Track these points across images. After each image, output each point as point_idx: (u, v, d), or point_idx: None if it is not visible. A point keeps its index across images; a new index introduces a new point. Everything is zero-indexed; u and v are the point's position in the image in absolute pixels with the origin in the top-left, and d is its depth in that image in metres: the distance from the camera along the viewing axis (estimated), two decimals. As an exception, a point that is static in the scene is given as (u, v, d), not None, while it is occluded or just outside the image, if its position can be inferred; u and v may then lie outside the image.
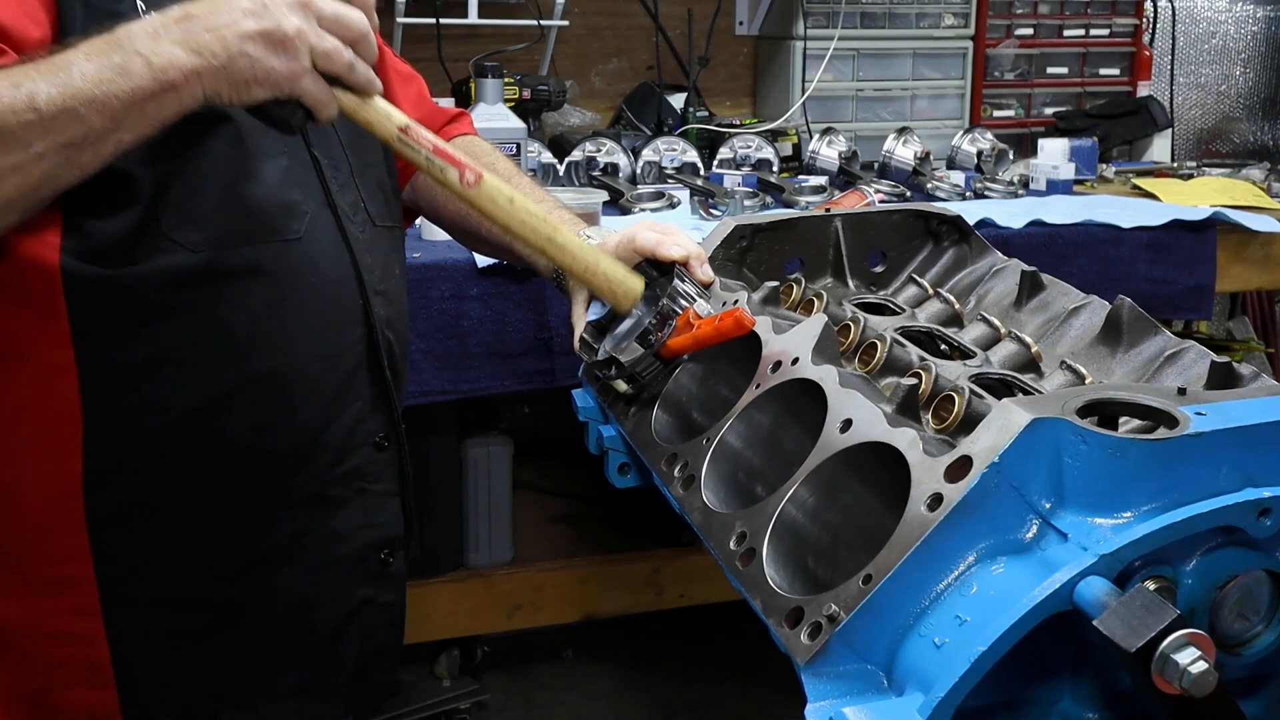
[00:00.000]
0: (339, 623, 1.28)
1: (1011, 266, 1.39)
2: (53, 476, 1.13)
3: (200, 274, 1.12)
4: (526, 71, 2.89)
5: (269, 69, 1.02)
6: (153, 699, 1.20)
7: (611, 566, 2.47)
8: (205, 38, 1.00)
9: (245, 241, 1.15)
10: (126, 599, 1.17)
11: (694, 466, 1.12)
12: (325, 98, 1.07)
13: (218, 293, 1.14)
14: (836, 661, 0.84)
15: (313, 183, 1.22)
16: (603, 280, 1.23)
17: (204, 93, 1.02)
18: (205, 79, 1.01)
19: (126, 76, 0.98)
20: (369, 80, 1.10)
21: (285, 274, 1.18)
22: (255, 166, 1.15)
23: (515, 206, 1.21)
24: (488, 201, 1.21)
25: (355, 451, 1.25)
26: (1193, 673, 0.73)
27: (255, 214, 1.16)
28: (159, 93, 1.00)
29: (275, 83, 1.03)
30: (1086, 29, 3.33)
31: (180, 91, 1.00)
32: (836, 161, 2.80)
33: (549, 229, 1.22)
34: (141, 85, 0.99)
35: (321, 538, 1.24)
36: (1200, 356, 1.11)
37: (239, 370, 1.16)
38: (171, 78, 0.99)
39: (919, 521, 0.83)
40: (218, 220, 1.13)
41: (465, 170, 1.18)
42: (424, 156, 1.17)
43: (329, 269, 1.22)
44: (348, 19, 1.06)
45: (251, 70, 1.02)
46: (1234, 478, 0.84)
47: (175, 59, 0.99)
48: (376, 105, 1.13)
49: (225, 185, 1.13)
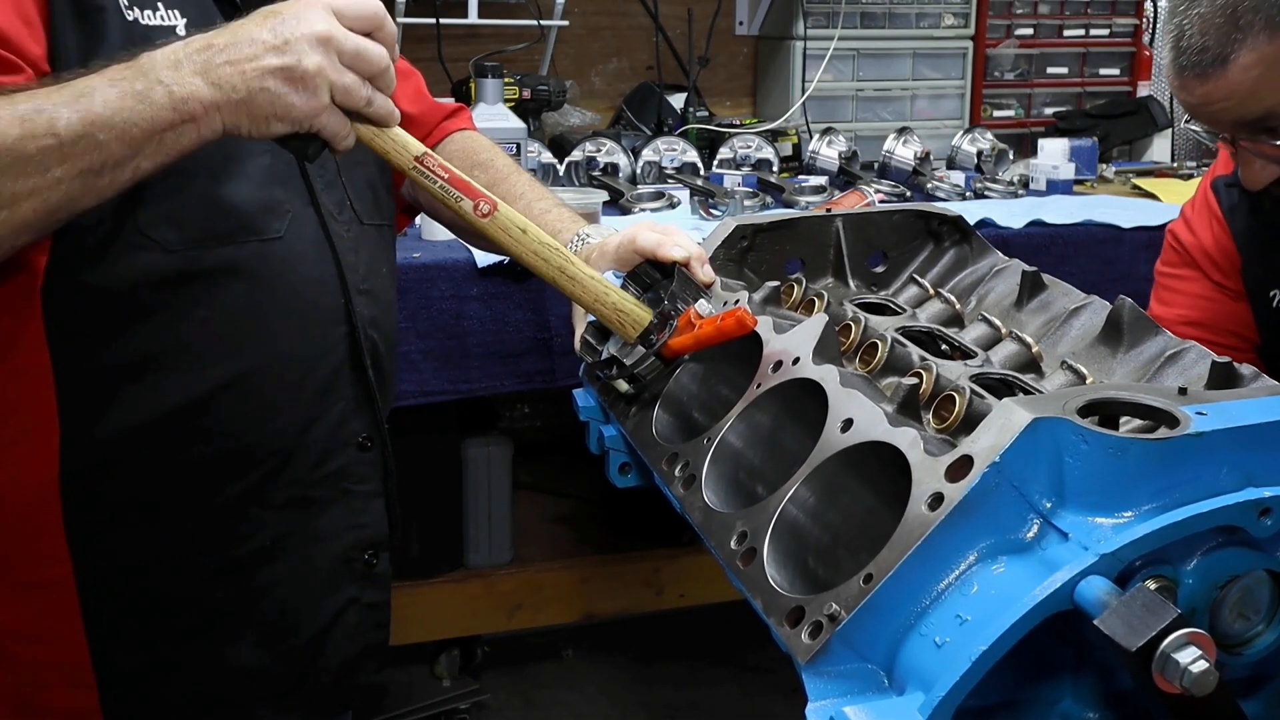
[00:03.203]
0: (324, 624, 1.28)
1: (1012, 267, 1.39)
2: (29, 479, 1.13)
3: (177, 274, 1.12)
4: (526, 71, 2.89)
5: (289, 105, 1.02)
6: (135, 701, 1.20)
7: (611, 566, 2.47)
8: (226, 71, 1.00)
9: (224, 241, 1.14)
10: (106, 601, 1.17)
11: (695, 466, 1.12)
12: (344, 131, 1.07)
13: (196, 293, 1.13)
14: (837, 661, 0.84)
15: (296, 181, 1.22)
16: (611, 311, 1.23)
17: (223, 125, 1.02)
18: (225, 112, 1.01)
19: (147, 104, 0.98)
20: (388, 113, 1.10)
21: (265, 274, 1.17)
22: (237, 165, 1.15)
23: (528, 237, 1.22)
24: (500, 232, 1.21)
25: (338, 452, 1.25)
26: (1193, 672, 0.73)
27: (235, 213, 1.15)
28: (179, 123, 1.00)
29: (295, 119, 1.03)
30: (1086, 29, 3.33)
31: (199, 124, 1.00)
32: (836, 161, 2.80)
33: (560, 260, 1.23)
34: (161, 115, 0.99)
35: (305, 539, 1.24)
36: (1201, 356, 1.11)
37: (218, 371, 1.15)
38: (192, 109, 0.99)
39: (920, 521, 0.83)
40: (196, 219, 1.13)
41: (480, 200, 1.19)
42: (439, 185, 1.17)
43: (310, 268, 1.21)
44: (368, 54, 1.06)
45: (271, 107, 1.01)
46: (1235, 477, 0.83)
47: (196, 91, 0.99)
48: (394, 135, 1.14)
49: (205, 184, 1.12)
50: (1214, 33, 1.27)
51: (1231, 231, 1.57)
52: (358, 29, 1.05)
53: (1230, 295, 1.58)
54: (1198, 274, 1.61)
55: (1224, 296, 1.58)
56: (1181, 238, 1.64)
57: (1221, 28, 1.26)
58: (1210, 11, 1.27)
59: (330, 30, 1.03)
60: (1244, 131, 1.34)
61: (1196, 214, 1.63)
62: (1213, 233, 1.60)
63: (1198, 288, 1.61)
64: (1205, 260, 1.60)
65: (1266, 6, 1.24)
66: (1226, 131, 1.37)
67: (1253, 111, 1.30)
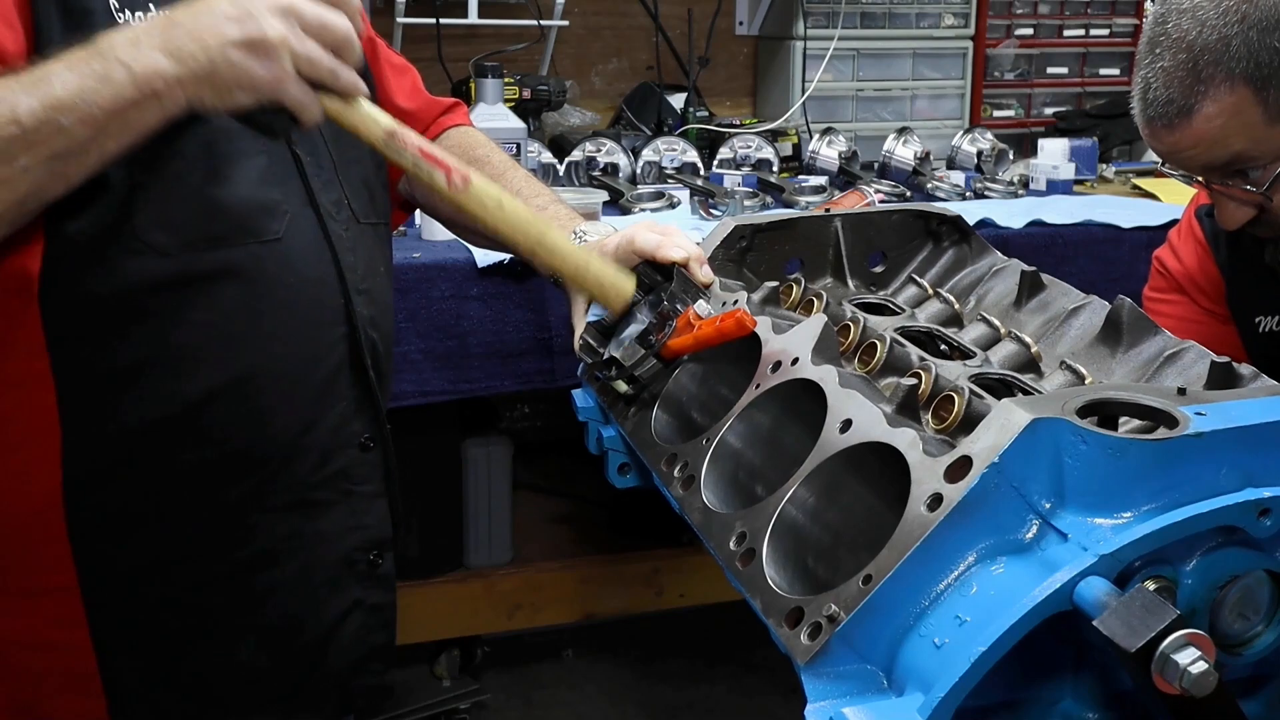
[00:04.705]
0: (329, 626, 1.27)
1: (1011, 266, 1.39)
2: (32, 487, 1.13)
3: (175, 277, 1.12)
4: (526, 71, 2.89)
5: (251, 75, 1.01)
6: (142, 707, 1.20)
7: (611, 566, 2.47)
8: (187, 44, 1.00)
9: (220, 243, 1.14)
10: (111, 608, 1.16)
11: (694, 466, 1.12)
12: (309, 102, 1.06)
13: (194, 296, 1.13)
14: (836, 661, 0.84)
15: (294, 181, 1.21)
16: (593, 281, 1.23)
17: (186, 99, 1.01)
18: (187, 85, 1.00)
19: (108, 84, 0.98)
20: (353, 84, 1.10)
21: (264, 275, 1.17)
22: (232, 167, 1.15)
23: (505, 210, 1.21)
24: (476, 205, 1.20)
25: (340, 453, 1.25)
26: (1193, 673, 0.73)
27: (231, 215, 1.15)
28: (141, 100, 0.99)
29: (258, 89, 1.02)
30: (1086, 29, 3.33)
31: (163, 99, 1.00)
32: (836, 161, 2.80)
33: (538, 231, 1.22)
34: (123, 93, 0.98)
35: (308, 541, 1.24)
36: (1200, 356, 1.11)
37: (218, 374, 1.15)
38: (154, 85, 0.99)
39: (919, 521, 0.83)
40: (193, 222, 1.12)
41: (453, 173, 1.18)
42: (410, 160, 1.16)
43: (309, 269, 1.21)
44: (331, 24, 1.05)
45: (234, 76, 1.01)
46: (1234, 477, 0.83)
47: (157, 66, 0.99)
48: (362, 109, 1.12)
49: (200, 186, 1.12)
50: (1177, 85, 1.33)
51: (1216, 259, 1.60)
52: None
53: (1218, 319, 1.60)
54: (1185, 299, 1.64)
55: (1212, 320, 1.60)
56: (1168, 264, 1.67)
57: (1184, 80, 1.32)
58: (1173, 65, 1.33)
59: (291, 1, 1.03)
60: (1215, 175, 1.40)
61: (1182, 241, 1.66)
62: (1198, 259, 1.62)
63: (1185, 311, 1.63)
64: (1192, 286, 1.63)
65: (1226, 60, 1.30)
66: (1199, 175, 1.42)
67: (1220, 157, 1.35)
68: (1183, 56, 1.32)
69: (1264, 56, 1.28)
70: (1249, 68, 1.29)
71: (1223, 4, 1.30)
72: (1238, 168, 1.36)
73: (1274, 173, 1.35)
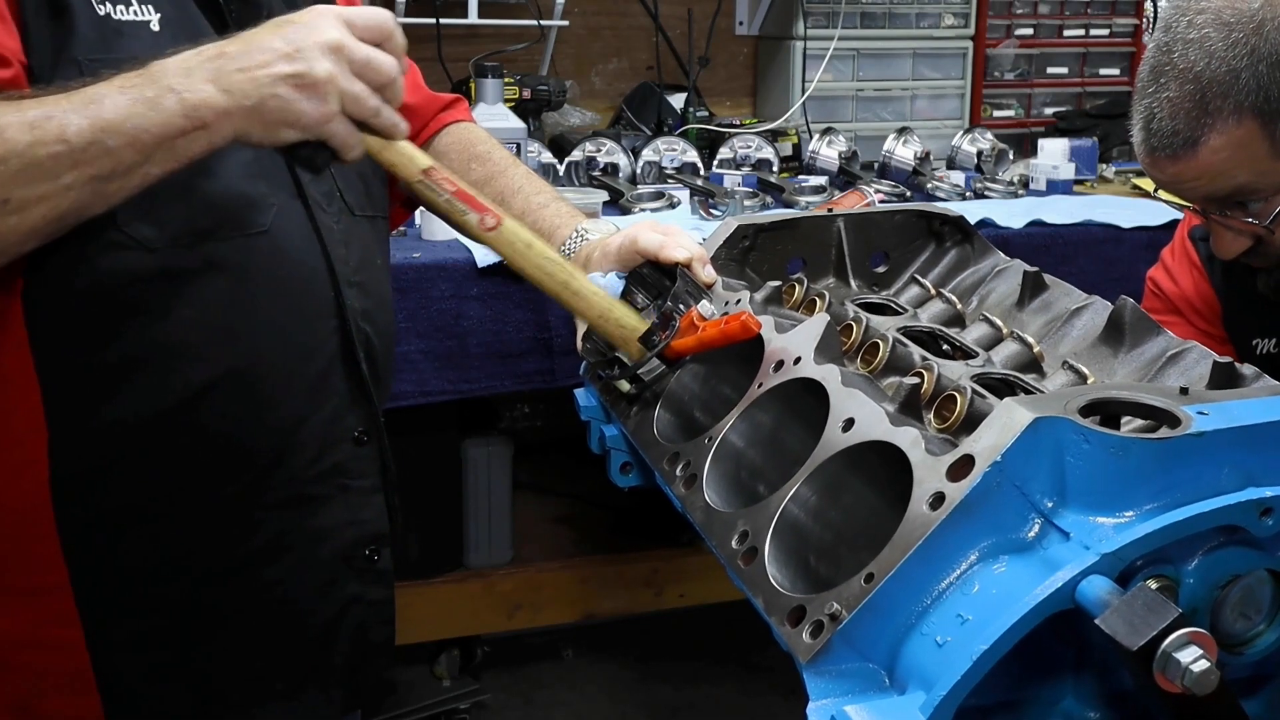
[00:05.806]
0: (328, 623, 1.27)
1: (1014, 267, 1.39)
2: (20, 485, 1.12)
3: (160, 272, 1.11)
4: (526, 71, 2.89)
5: (299, 112, 1.02)
6: (138, 705, 1.19)
7: (611, 566, 2.47)
8: (237, 78, 1.00)
9: (206, 237, 1.13)
10: (104, 606, 1.16)
11: (696, 465, 1.12)
12: (353, 141, 1.07)
13: (180, 290, 1.13)
14: (838, 660, 0.84)
15: (281, 174, 1.21)
16: (615, 328, 1.24)
17: (234, 132, 1.02)
18: (235, 119, 1.01)
19: (158, 111, 0.98)
20: (394, 124, 1.10)
21: (250, 269, 1.16)
22: (216, 160, 1.13)
23: (533, 252, 1.22)
24: (505, 246, 1.21)
25: (334, 448, 1.24)
26: (1194, 671, 0.73)
27: (216, 208, 1.14)
28: (190, 130, 1.00)
29: (305, 126, 1.03)
30: (1086, 29, 3.33)
31: (211, 130, 1.01)
32: (836, 161, 2.80)
33: (565, 274, 1.23)
34: (173, 122, 0.99)
35: (304, 537, 1.23)
36: (1203, 357, 1.11)
37: (207, 369, 1.15)
38: (203, 115, 0.99)
39: (921, 520, 0.83)
40: (176, 216, 1.12)
41: (486, 214, 1.19)
42: (444, 199, 1.17)
43: (298, 262, 1.20)
44: (378, 64, 1.06)
45: (282, 113, 1.02)
46: (1236, 477, 0.84)
47: (207, 97, 0.99)
48: (400, 148, 1.14)
49: (183, 180, 1.11)
50: (1184, 116, 1.31)
51: (1212, 282, 1.60)
52: (368, 39, 1.06)
53: (1215, 340, 1.59)
54: (1181, 320, 1.63)
55: (1209, 342, 1.60)
56: (1163, 286, 1.66)
57: (1191, 112, 1.31)
58: (1179, 96, 1.31)
59: (342, 39, 1.03)
60: (1214, 206, 1.39)
61: (1177, 262, 1.66)
62: (1193, 281, 1.62)
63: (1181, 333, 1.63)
64: (1188, 308, 1.63)
65: (1234, 92, 1.28)
66: (1197, 205, 1.41)
67: (1222, 189, 1.35)
68: (1189, 88, 1.31)
69: (1273, 91, 1.28)
70: (1258, 101, 1.28)
71: (1231, 35, 1.29)
72: (1239, 199, 1.36)
73: (1276, 206, 1.34)
